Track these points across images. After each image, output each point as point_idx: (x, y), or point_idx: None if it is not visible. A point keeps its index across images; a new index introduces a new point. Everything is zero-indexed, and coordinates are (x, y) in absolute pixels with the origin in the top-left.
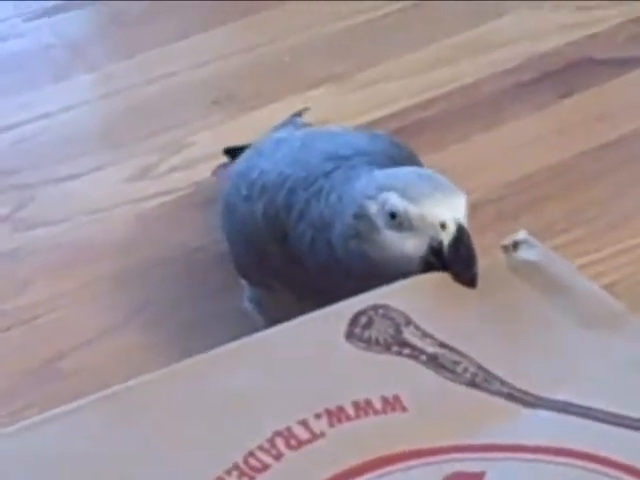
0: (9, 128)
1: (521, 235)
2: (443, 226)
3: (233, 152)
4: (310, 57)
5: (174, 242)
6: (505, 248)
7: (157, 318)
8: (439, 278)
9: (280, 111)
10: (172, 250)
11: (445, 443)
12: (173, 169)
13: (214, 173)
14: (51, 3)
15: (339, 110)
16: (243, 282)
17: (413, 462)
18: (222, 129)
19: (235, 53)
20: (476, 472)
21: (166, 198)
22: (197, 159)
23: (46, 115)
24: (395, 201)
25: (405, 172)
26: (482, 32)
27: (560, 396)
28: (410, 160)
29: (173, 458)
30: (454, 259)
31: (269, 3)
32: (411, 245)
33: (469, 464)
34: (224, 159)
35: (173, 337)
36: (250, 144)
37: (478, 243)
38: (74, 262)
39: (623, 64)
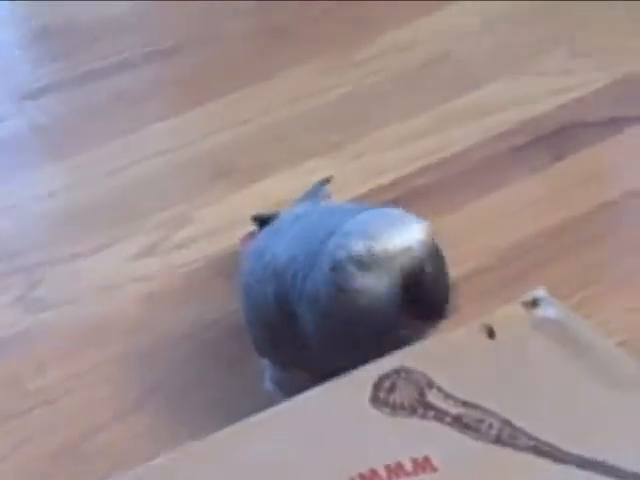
0: (11, 208)
1: (540, 292)
2: (408, 251)
3: (261, 220)
4: (305, 128)
5: (186, 318)
6: (525, 305)
7: (175, 397)
8: (457, 337)
9: (280, 182)
10: (184, 327)
11: None
12: (179, 245)
13: (242, 242)
14: (44, 83)
15: (337, 181)
16: (265, 362)
17: None
18: (225, 202)
19: (230, 127)
20: None
21: (175, 273)
22: (203, 233)
23: (47, 195)
24: (358, 245)
25: (367, 216)
26: (469, 100)
27: (586, 453)
28: None
29: None
30: (424, 280)
31: (258, 76)
32: (385, 281)
33: None
34: (244, 229)
35: (193, 415)
36: (277, 212)
37: (484, 308)
38: (87, 342)
39: (613, 124)
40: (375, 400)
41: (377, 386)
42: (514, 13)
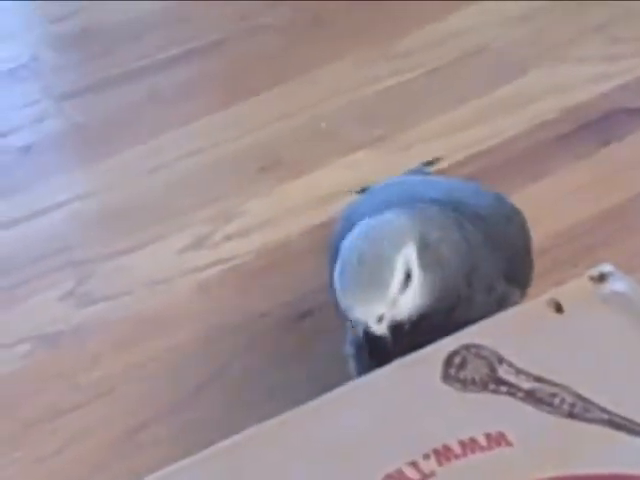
0: (58, 206)
1: (607, 267)
2: (355, 322)
3: None
4: (348, 121)
5: (239, 310)
6: (592, 279)
7: (231, 387)
8: (524, 312)
9: (328, 175)
10: (238, 318)
11: (553, 474)
12: (228, 237)
13: None
14: (83, 84)
15: (383, 172)
16: (347, 325)
17: None
18: (272, 195)
19: (275, 121)
20: None
21: (225, 266)
22: (251, 226)
23: (91, 193)
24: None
25: (360, 246)
26: (511, 89)
27: None
28: (506, 219)
29: None
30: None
31: (297, 70)
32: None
33: None
34: (293, 221)
35: (250, 405)
36: None
37: (540, 291)
38: (141, 334)
39: None
40: (446, 377)
41: (447, 363)
42: (552, 1)
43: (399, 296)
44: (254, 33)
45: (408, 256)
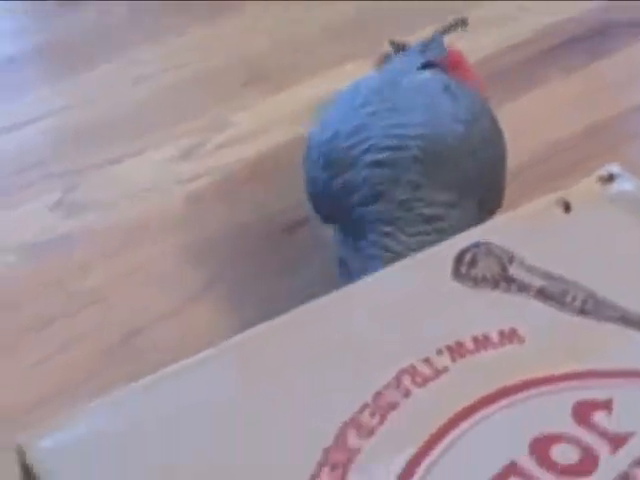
0: (43, 117)
1: (615, 168)
2: None
3: (397, 46)
4: (334, 35)
5: (230, 219)
6: (601, 179)
7: (227, 293)
8: (533, 212)
9: (313, 86)
10: (225, 229)
11: (566, 370)
12: (215, 149)
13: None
14: None
15: None
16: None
17: (536, 391)
18: (260, 106)
19: (259, 36)
20: (603, 400)
21: (212, 177)
22: (239, 137)
23: (80, 103)
24: None
25: None
26: (498, 5)
27: None
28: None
29: (304, 403)
30: None
31: None
32: None
33: (593, 392)
34: (281, 132)
35: (247, 311)
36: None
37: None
38: (132, 243)
39: None
40: (457, 274)
41: (458, 260)
42: None
43: None
44: None
45: None
